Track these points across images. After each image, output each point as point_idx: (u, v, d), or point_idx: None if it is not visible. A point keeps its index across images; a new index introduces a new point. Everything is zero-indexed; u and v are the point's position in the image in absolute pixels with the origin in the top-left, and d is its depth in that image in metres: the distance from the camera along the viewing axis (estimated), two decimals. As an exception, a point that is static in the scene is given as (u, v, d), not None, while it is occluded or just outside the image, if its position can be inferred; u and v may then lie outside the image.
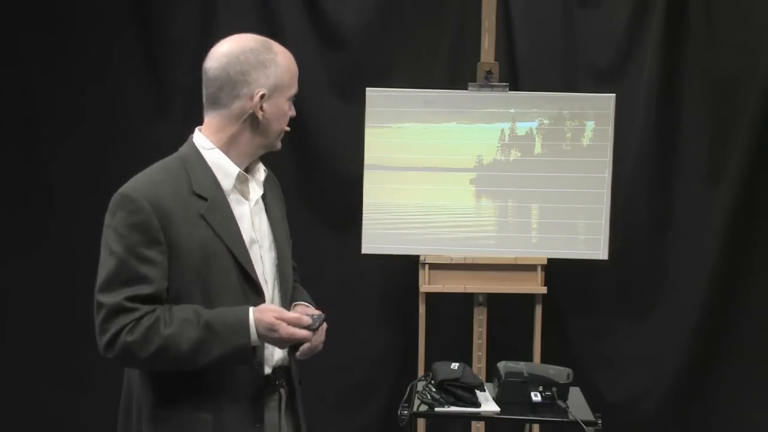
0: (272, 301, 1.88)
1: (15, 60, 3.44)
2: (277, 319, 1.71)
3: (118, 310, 1.68)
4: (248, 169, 1.88)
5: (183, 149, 1.85)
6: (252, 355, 1.72)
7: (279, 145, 1.88)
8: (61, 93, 3.46)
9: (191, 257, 1.72)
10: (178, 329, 1.67)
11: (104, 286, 1.70)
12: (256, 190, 1.89)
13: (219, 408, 1.76)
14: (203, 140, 1.83)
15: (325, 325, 1.88)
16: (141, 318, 1.67)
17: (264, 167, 1.93)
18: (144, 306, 1.68)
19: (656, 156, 3.52)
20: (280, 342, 1.75)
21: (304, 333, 1.74)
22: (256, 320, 1.71)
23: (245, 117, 1.79)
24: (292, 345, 1.81)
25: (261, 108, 1.78)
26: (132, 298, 1.68)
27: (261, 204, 1.91)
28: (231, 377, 1.77)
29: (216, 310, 1.72)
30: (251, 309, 1.72)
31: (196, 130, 1.86)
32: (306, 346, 1.84)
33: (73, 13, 3.44)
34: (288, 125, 1.88)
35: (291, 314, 1.75)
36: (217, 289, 1.75)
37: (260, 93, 1.77)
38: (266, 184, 1.93)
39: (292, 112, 1.87)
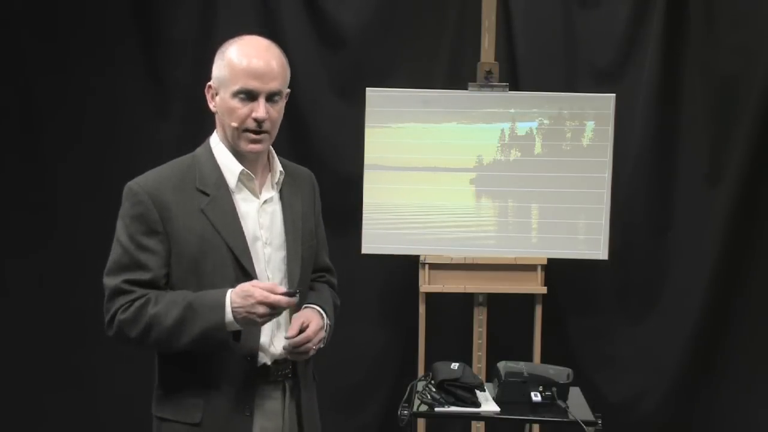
0: None
1: (16, 60, 3.44)
2: (252, 286, 1.77)
3: (117, 292, 1.81)
4: (270, 168, 1.94)
5: (198, 148, 1.94)
6: (228, 335, 1.78)
7: (245, 146, 1.84)
8: (62, 93, 3.46)
9: (188, 249, 1.82)
10: (164, 309, 1.78)
11: (109, 270, 1.84)
12: (269, 189, 1.93)
13: (210, 394, 1.84)
14: (215, 138, 1.92)
15: (323, 333, 1.92)
16: (135, 299, 1.80)
17: (281, 169, 1.96)
18: (140, 289, 1.80)
19: (656, 156, 3.52)
20: (255, 308, 1.74)
21: (278, 297, 1.74)
22: (233, 293, 1.77)
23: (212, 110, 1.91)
24: (267, 321, 1.80)
25: (214, 100, 1.87)
26: (130, 282, 1.80)
27: (277, 203, 1.95)
28: (224, 365, 1.84)
29: (200, 292, 1.80)
30: (230, 290, 1.78)
31: (215, 131, 1.94)
32: (292, 342, 1.84)
33: (73, 14, 3.44)
34: (254, 127, 1.82)
35: (266, 283, 1.80)
36: (213, 281, 1.82)
37: (208, 84, 1.88)
38: (288, 185, 1.98)
39: (258, 113, 1.81)
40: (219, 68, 1.85)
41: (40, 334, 3.49)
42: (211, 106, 1.88)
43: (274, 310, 1.76)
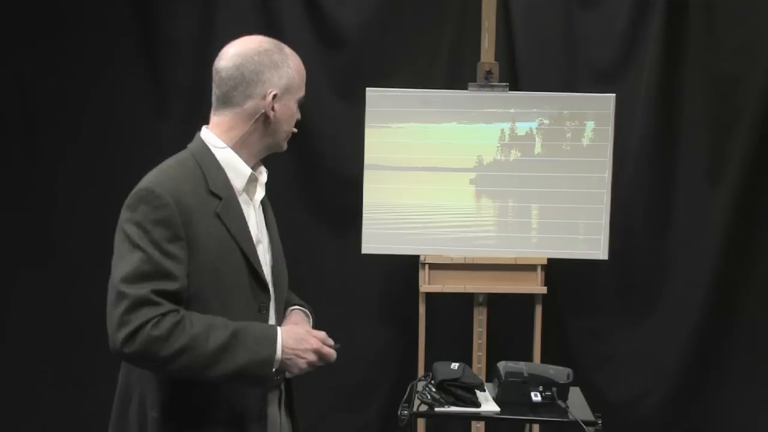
0: (271, 301, 1.90)
1: (15, 60, 3.44)
2: (307, 332, 1.79)
3: (143, 302, 1.63)
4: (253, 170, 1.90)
5: (193, 147, 1.85)
6: (272, 371, 1.73)
7: (285, 146, 1.91)
8: (62, 93, 3.46)
9: (208, 255, 1.73)
10: (204, 332, 1.66)
11: (129, 278, 1.65)
12: (259, 191, 1.91)
13: (229, 413, 1.78)
14: (214, 139, 1.84)
15: None
16: (166, 314, 1.65)
17: (265, 169, 1.94)
18: (168, 303, 1.66)
19: (656, 156, 3.52)
20: (306, 355, 1.77)
21: (330, 350, 1.81)
22: (284, 332, 1.76)
23: (257, 116, 1.82)
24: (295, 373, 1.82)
25: (273, 108, 1.82)
26: (158, 293, 1.65)
27: (260, 205, 1.94)
28: None
29: (244, 322, 1.73)
30: (279, 327, 1.78)
31: (204, 128, 1.87)
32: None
33: (73, 14, 3.45)
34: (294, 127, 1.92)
35: (320, 332, 1.83)
36: (230, 287, 1.77)
37: (273, 92, 1.81)
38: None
39: (298, 115, 1.90)
40: (287, 76, 1.84)
41: (39, 335, 3.49)
42: (271, 114, 1.82)
43: (323, 360, 1.80)
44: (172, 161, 1.82)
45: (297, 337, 1.75)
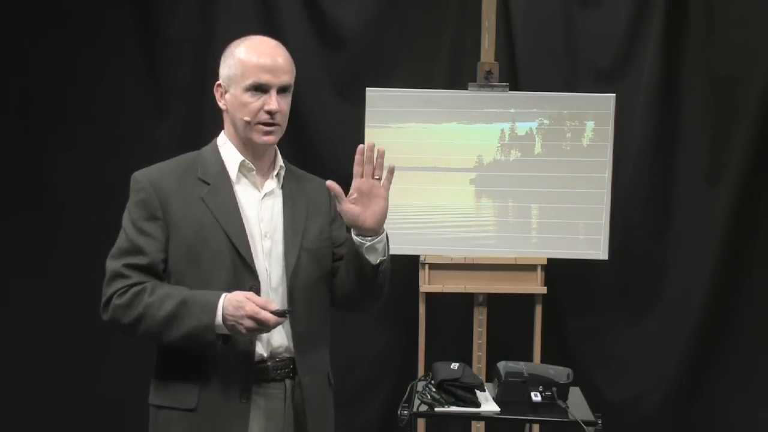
0: (276, 290, 1.92)
1: (15, 60, 3.44)
2: (246, 298, 1.79)
3: (116, 276, 1.85)
4: (273, 164, 1.99)
5: (206, 146, 2.00)
6: (215, 337, 1.79)
7: (258, 138, 1.90)
8: (62, 93, 3.46)
9: (186, 235, 1.87)
10: (158, 301, 1.81)
11: (111, 254, 1.89)
12: (271, 183, 1.98)
13: (206, 380, 1.86)
14: (222, 136, 1.99)
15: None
16: (133, 285, 1.84)
17: (282, 164, 2.01)
18: (138, 275, 1.84)
19: (656, 156, 3.52)
20: (243, 321, 1.77)
21: (267, 315, 1.77)
22: (225, 300, 1.80)
23: (221, 108, 1.96)
24: (253, 335, 1.84)
25: (223, 97, 1.93)
26: (129, 266, 1.85)
27: (279, 197, 1.98)
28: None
29: (196, 291, 1.83)
30: (224, 294, 1.81)
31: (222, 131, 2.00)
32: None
33: (73, 14, 3.45)
34: (266, 119, 1.88)
35: (260, 298, 1.82)
36: (209, 267, 1.86)
37: (216, 83, 1.94)
38: (294, 183, 2.03)
39: (271, 106, 1.87)
40: (228, 67, 1.90)
41: (41, 333, 3.49)
42: (221, 104, 1.95)
43: (262, 326, 1.78)
44: (179, 156, 2.01)
45: (235, 303, 1.78)
